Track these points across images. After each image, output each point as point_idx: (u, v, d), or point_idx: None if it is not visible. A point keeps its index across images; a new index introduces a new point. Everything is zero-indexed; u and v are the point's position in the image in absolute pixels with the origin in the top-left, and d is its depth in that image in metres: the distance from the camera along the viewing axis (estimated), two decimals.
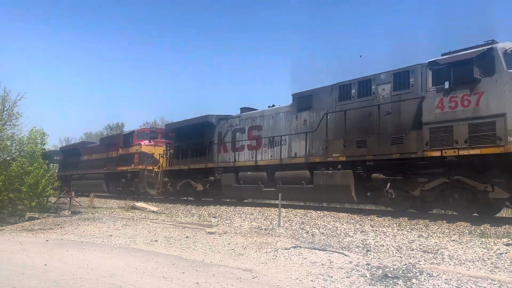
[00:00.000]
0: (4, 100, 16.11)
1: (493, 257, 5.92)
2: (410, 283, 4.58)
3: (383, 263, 5.64)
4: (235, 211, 13.34)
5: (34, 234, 9.61)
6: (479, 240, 7.22)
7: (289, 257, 6.19)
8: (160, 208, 16.58)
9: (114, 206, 18.06)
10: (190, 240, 8.06)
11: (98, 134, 57.25)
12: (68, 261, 5.93)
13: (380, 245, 7.21)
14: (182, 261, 5.94)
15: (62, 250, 6.92)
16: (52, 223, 11.29)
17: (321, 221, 10.28)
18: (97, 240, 8.34)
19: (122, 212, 14.72)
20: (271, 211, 12.56)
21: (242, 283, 4.64)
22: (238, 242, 7.62)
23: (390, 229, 8.89)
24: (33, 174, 14.15)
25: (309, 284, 4.60)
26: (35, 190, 14.09)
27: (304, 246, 7.11)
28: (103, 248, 7.23)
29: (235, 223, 10.93)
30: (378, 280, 4.73)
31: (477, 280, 4.61)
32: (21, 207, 14.45)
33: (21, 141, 15.70)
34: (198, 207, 15.87)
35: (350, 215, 11.11)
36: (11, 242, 8.15)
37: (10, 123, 16.25)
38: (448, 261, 5.73)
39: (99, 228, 10.09)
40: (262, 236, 8.46)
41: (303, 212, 12.06)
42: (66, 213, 14.33)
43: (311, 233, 8.82)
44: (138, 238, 8.48)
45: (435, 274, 4.92)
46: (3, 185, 13.58)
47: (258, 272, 5.23)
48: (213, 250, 6.92)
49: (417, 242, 7.36)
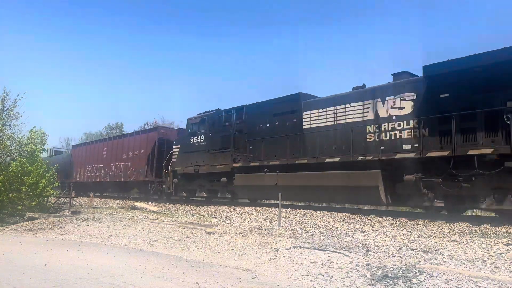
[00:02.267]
0: (4, 100, 16.08)
1: (493, 257, 5.92)
2: (410, 283, 4.58)
3: (383, 263, 5.64)
4: (235, 211, 13.34)
5: (34, 234, 9.61)
6: (479, 240, 7.22)
7: (289, 257, 6.19)
8: (160, 208, 16.60)
9: (114, 206, 18.07)
10: (190, 240, 8.06)
11: (98, 134, 57.25)
12: (68, 261, 5.93)
13: (380, 245, 7.21)
14: (182, 261, 5.94)
15: (62, 250, 6.92)
16: (52, 223, 11.29)
17: (321, 221, 10.28)
18: (97, 240, 8.34)
19: (122, 212, 14.72)
20: (271, 211, 12.57)
21: (242, 283, 4.64)
22: (238, 242, 7.62)
23: (390, 229, 8.90)
24: (33, 174, 14.14)
25: (309, 284, 4.60)
26: (35, 190, 14.09)
27: (304, 246, 7.11)
28: (103, 248, 7.23)
29: (235, 223, 10.93)
30: (378, 280, 4.73)
31: (477, 280, 4.61)
32: (21, 207, 14.44)
33: (21, 141, 15.69)
34: (198, 207, 15.88)
35: (350, 215, 11.12)
36: (11, 242, 8.15)
37: (10, 123, 16.23)
38: (448, 261, 5.73)
39: (99, 228, 10.09)
40: (262, 236, 8.46)
41: (303, 212, 12.07)
42: (66, 213, 14.32)
43: (311, 233, 8.82)
44: (138, 238, 8.48)
45: (435, 274, 4.92)
46: (3, 185, 13.56)
47: (258, 272, 5.23)
48: (213, 250, 6.92)
49: (417, 242, 7.36)
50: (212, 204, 16.65)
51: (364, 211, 12.19)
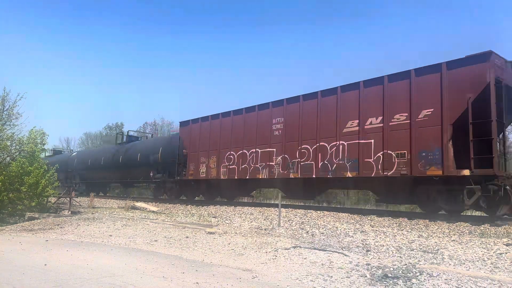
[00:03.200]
0: (4, 100, 16.07)
1: (493, 257, 5.92)
2: (410, 283, 4.58)
3: (383, 263, 5.64)
4: (235, 211, 13.34)
5: (34, 234, 9.60)
6: (479, 240, 7.22)
7: (289, 257, 6.19)
8: (160, 208, 16.59)
9: (114, 206, 18.06)
10: (190, 240, 8.06)
11: (98, 134, 57.28)
12: (68, 261, 5.93)
13: (380, 245, 7.21)
14: (182, 261, 5.94)
15: (62, 250, 6.92)
16: (52, 223, 11.29)
17: (321, 221, 10.29)
18: (97, 240, 8.34)
19: (122, 212, 14.72)
20: (271, 211, 12.57)
21: (242, 283, 4.64)
22: (238, 242, 7.62)
23: (390, 229, 8.90)
24: (33, 174, 14.15)
25: (309, 284, 4.60)
26: (35, 190, 14.09)
27: (304, 246, 7.11)
28: (103, 248, 7.23)
29: (235, 223, 10.93)
30: (378, 280, 4.73)
31: (477, 280, 4.61)
32: (21, 207, 14.43)
33: (21, 141, 15.67)
34: (198, 207, 15.87)
35: (350, 215, 11.13)
36: (11, 242, 8.14)
37: (10, 123, 16.21)
38: (448, 261, 5.73)
39: (99, 228, 10.09)
40: (262, 236, 8.46)
41: (303, 212, 12.07)
42: (66, 213, 14.32)
43: (311, 233, 8.82)
44: (138, 238, 8.48)
45: (435, 274, 4.92)
46: (3, 185, 13.56)
47: (258, 272, 5.23)
48: (213, 250, 6.92)
49: (417, 242, 7.36)
50: (212, 204, 16.64)
51: (364, 211, 12.20)
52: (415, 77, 10.65)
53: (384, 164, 10.92)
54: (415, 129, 10.43)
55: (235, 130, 16.01)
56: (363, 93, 11.81)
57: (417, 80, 10.61)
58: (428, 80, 10.39)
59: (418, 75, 10.61)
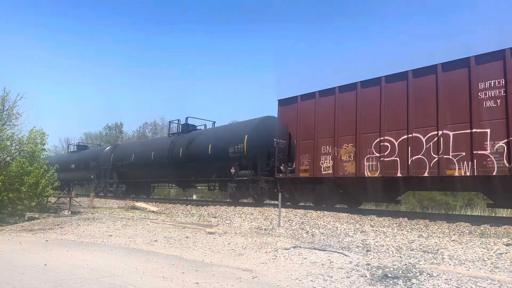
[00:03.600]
0: (4, 100, 16.06)
1: (493, 257, 5.92)
2: (410, 283, 4.58)
3: (383, 263, 5.64)
4: (235, 211, 13.34)
5: (34, 234, 9.60)
6: (479, 240, 7.22)
7: (289, 257, 6.19)
8: (160, 208, 16.59)
9: (114, 206, 18.06)
10: (190, 240, 8.06)
11: (98, 134, 57.23)
12: (68, 261, 5.92)
13: (380, 245, 7.21)
14: (182, 261, 5.94)
15: (62, 250, 6.92)
16: (52, 223, 11.28)
17: (321, 221, 10.28)
18: (97, 240, 8.33)
19: (122, 212, 14.72)
20: (271, 211, 12.57)
21: (242, 283, 4.64)
22: (238, 242, 7.62)
23: (390, 229, 8.90)
24: (33, 174, 14.15)
25: (309, 284, 4.60)
26: (35, 190, 14.09)
27: (304, 246, 7.11)
28: (103, 248, 7.22)
29: (235, 223, 10.92)
30: (378, 280, 4.73)
31: (477, 280, 4.61)
32: (21, 207, 14.43)
33: (21, 141, 15.67)
34: (198, 207, 15.87)
35: (350, 215, 11.12)
36: (11, 242, 8.14)
37: (10, 123, 16.21)
38: (448, 261, 5.73)
39: (99, 228, 10.09)
40: (262, 236, 8.46)
41: (303, 212, 12.06)
42: (66, 213, 14.32)
43: (311, 233, 8.82)
44: (138, 238, 8.47)
45: (435, 274, 4.92)
46: (3, 185, 13.56)
47: (258, 272, 5.22)
48: (213, 250, 6.91)
49: (417, 242, 7.36)
50: (212, 204, 16.63)
51: (364, 211, 12.19)
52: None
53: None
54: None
55: (389, 104, 11.15)
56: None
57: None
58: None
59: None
